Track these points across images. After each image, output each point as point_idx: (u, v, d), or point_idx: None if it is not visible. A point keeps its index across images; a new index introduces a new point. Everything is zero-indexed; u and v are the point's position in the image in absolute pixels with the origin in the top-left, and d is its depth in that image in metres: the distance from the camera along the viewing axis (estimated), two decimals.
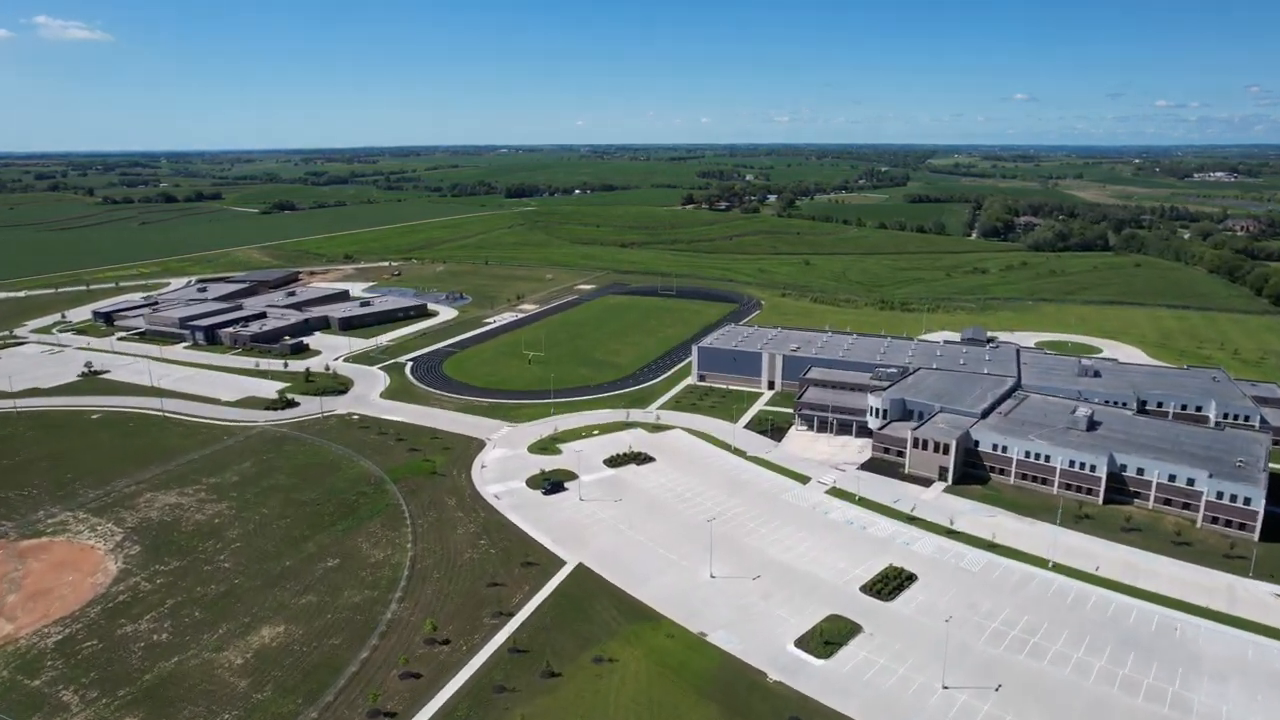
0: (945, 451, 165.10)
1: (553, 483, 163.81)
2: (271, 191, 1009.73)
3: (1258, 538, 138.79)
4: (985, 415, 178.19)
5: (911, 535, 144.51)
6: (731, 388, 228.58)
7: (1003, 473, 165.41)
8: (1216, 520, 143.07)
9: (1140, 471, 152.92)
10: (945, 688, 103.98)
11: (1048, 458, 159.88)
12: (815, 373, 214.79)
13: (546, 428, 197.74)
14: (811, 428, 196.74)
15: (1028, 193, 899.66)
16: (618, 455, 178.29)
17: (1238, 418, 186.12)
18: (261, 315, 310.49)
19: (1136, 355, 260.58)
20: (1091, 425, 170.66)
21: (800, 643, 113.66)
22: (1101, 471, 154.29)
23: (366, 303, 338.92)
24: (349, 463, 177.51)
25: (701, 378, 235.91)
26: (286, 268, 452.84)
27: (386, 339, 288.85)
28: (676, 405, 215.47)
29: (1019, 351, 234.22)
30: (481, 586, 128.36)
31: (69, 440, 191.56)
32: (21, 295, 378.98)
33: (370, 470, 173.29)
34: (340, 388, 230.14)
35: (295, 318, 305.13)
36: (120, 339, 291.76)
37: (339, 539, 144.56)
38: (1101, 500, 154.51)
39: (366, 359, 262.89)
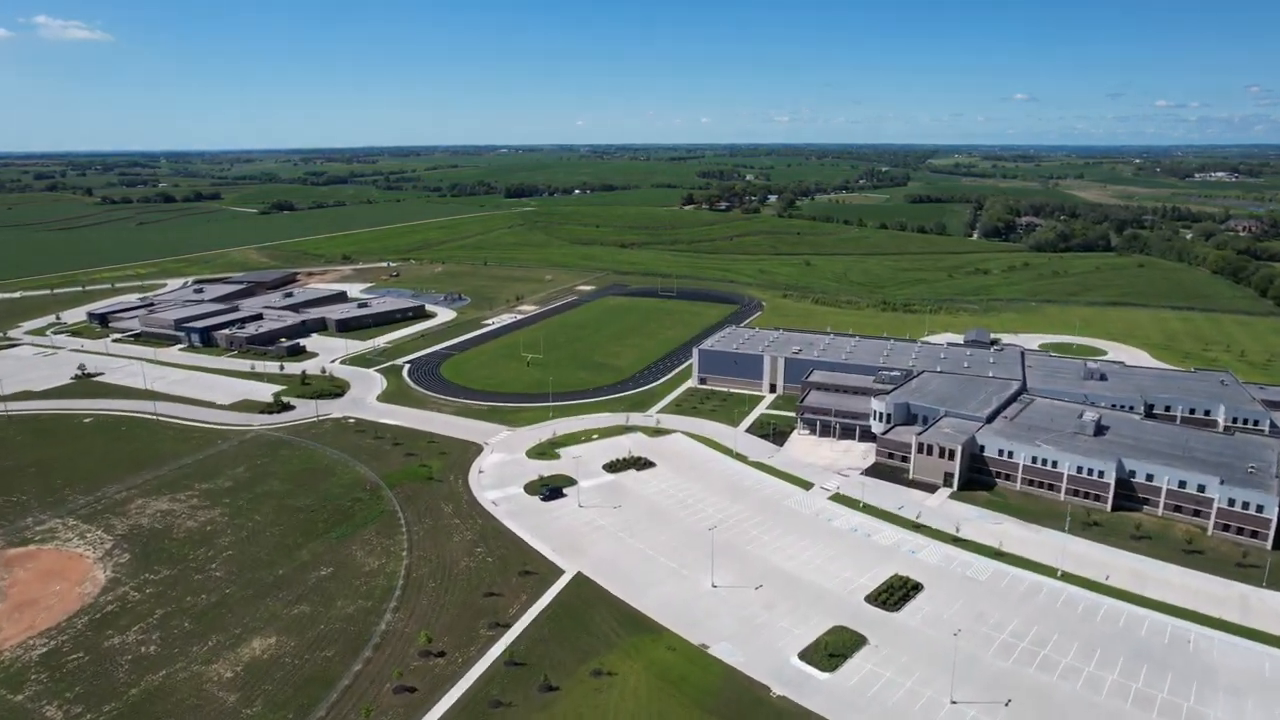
0: (950, 457, 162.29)
1: (551, 488, 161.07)
2: (270, 191, 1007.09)
3: (1270, 546, 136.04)
4: (991, 420, 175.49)
5: (917, 543, 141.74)
6: (733, 391, 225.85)
7: (1009, 478, 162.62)
8: (1228, 528, 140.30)
9: (1149, 478, 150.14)
10: (954, 702, 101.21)
11: (1054, 463, 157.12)
12: (817, 376, 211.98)
13: (545, 432, 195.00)
14: (814, 432, 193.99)
15: (1028, 193, 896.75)
16: (617, 460, 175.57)
17: (1247, 422, 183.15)
18: (258, 317, 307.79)
19: (1142, 357, 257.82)
20: (1099, 430, 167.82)
21: (804, 655, 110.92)
22: (1110, 478, 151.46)
23: (364, 304, 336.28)
24: (344, 468, 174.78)
25: (702, 380, 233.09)
26: (284, 268, 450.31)
27: (384, 341, 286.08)
28: (677, 409, 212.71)
29: (1023, 354, 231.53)
30: (478, 596, 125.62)
31: (60, 445, 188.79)
32: (16, 296, 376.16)
33: (366, 476, 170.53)
34: (336, 391, 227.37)
35: (292, 319, 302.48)
36: (115, 341, 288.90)
37: (333, 547, 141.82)
38: (1110, 507, 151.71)
39: (363, 361, 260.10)
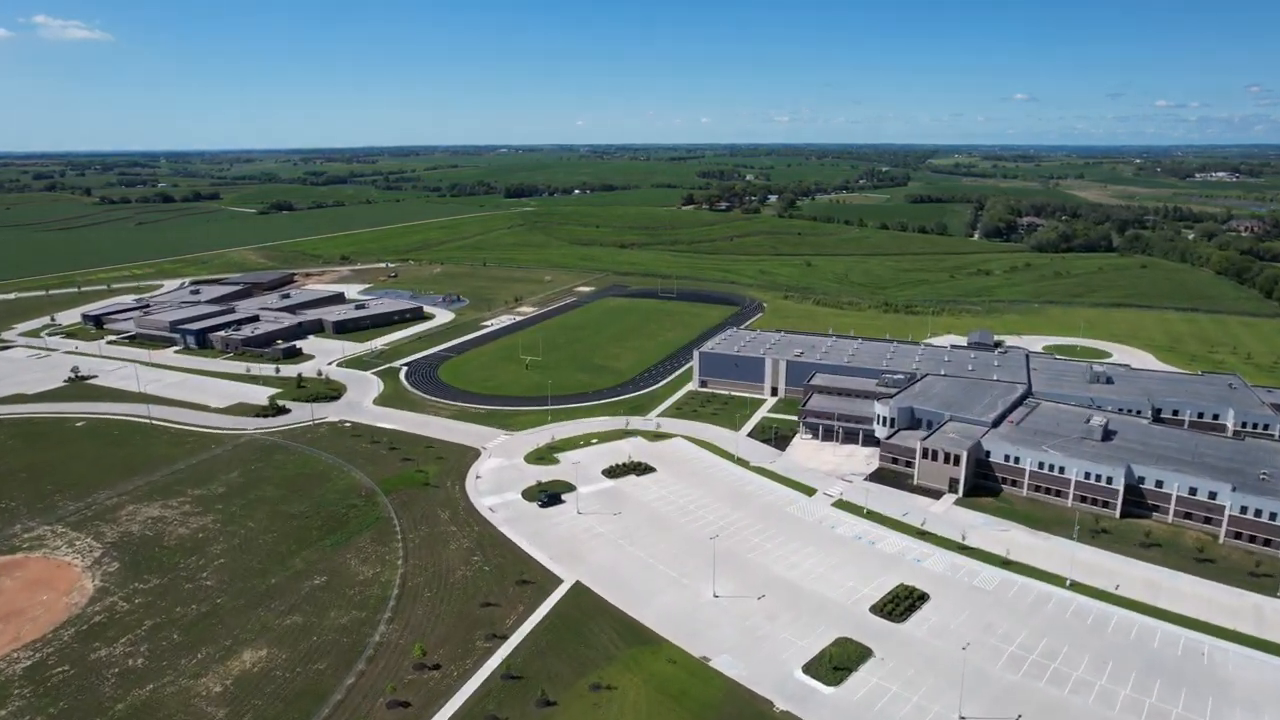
0: (956, 462, 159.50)
1: (550, 495, 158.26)
2: (269, 191, 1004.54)
3: None
4: (996, 424, 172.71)
5: (922, 551, 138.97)
6: (734, 394, 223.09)
7: (1015, 484, 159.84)
8: (1240, 536, 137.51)
9: (1159, 484, 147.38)
10: (963, 718, 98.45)
11: (1062, 469, 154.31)
12: (819, 379, 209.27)
13: (544, 436, 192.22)
14: (816, 436, 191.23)
15: (1029, 193, 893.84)
16: (617, 465, 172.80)
17: (1256, 426, 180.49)
18: (254, 318, 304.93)
19: (1147, 360, 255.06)
20: (1107, 435, 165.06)
21: (808, 668, 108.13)
22: (1119, 484, 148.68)
23: (361, 305, 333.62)
24: (339, 473, 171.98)
25: (703, 383, 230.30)
26: (282, 269, 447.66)
27: (381, 343, 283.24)
28: (677, 412, 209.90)
29: (1028, 356, 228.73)
30: (474, 607, 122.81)
31: (51, 450, 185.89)
32: (12, 297, 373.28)
33: (361, 481, 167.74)
34: (333, 394, 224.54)
35: (289, 321, 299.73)
36: (109, 343, 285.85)
37: (327, 555, 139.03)
38: (1118, 514, 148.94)
39: (360, 363, 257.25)
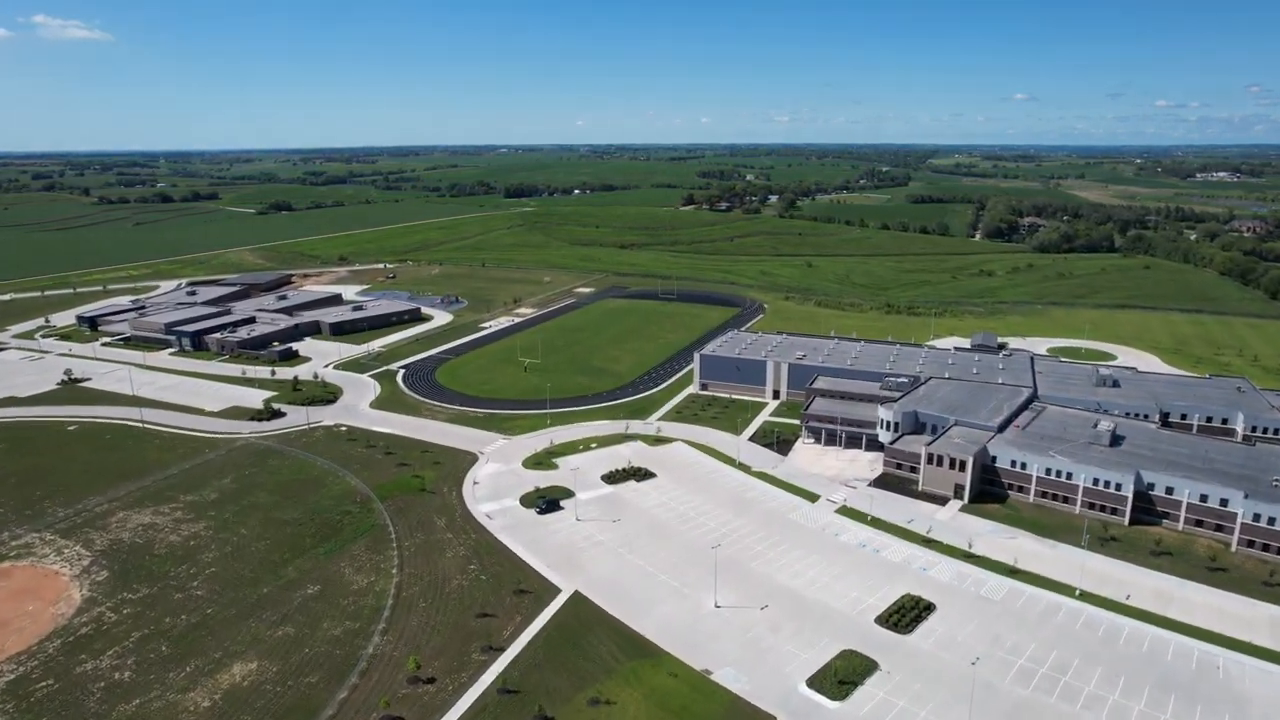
0: (961, 468, 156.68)
1: (548, 501, 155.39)
2: (269, 192, 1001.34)
3: None
4: (1002, 429, 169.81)
5: (928, 559, 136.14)
6: (735, 397, 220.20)
7: (1022, 490, 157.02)
8: (1253, 544, 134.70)
9: (1169, 491, 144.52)
10: None
11: (1070, 475, 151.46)
12: (822, 382, 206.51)
13: (542, 440, 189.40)
14: (819, 440, 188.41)
15: (1030, 193, 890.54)
16: (616, 471, 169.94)
17: (1266, 431, 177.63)
18: (251, 320, 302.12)
19: (1153, 362, 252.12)
20: (1115, 440, 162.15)
21: (812, 682, 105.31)
22: (1128, 490, 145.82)
23: (359, 307, 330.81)
24: (334, 478, 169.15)
25: (704, 386, 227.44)
26: (279, 270, 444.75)
27: (378, 345, 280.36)
28: (678, 416, 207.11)
29: (1033, 359, 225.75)
30: (470, 618, 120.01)
31: (42, 454, 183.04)
32: (7, 298, 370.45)
33: (356, 487, 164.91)
34: (329, 397, 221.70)
35: (285, 323, 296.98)
36: (104, 345, 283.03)
37: (320, 563, 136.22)
38: (1127, 521, 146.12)
39: (357, 366, 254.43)
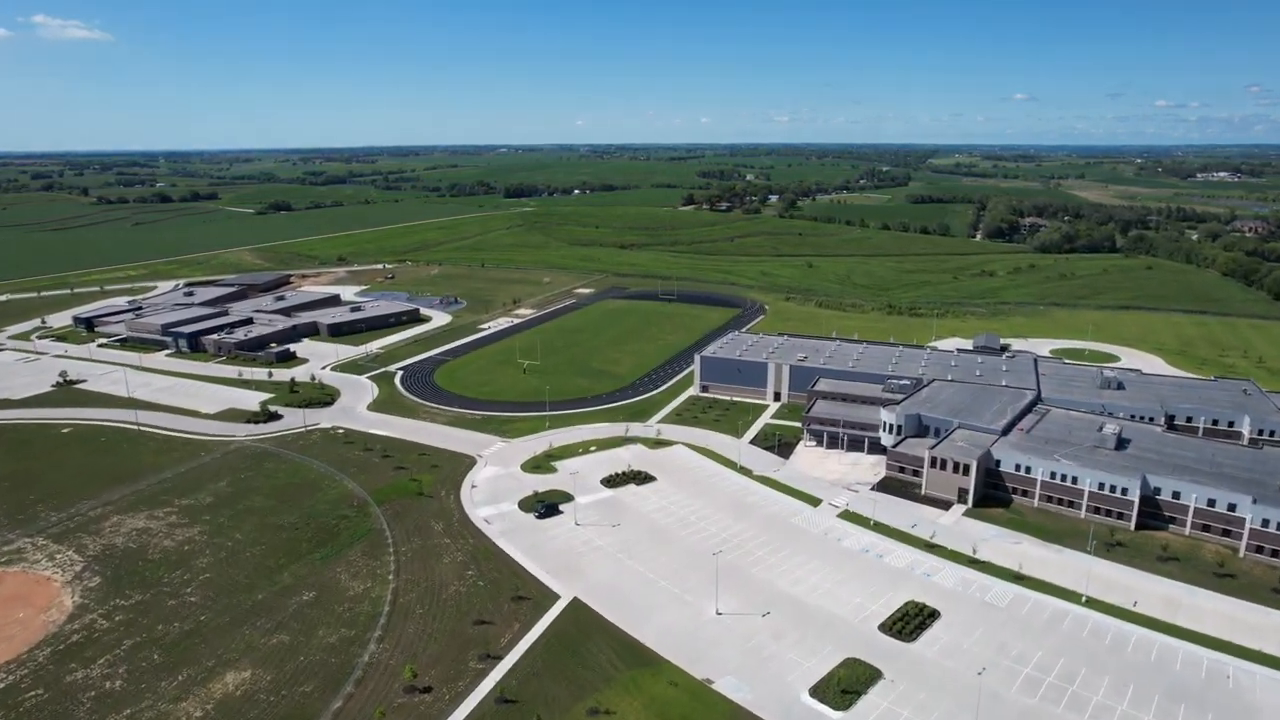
0: (965, 472, 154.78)
1: (547, 505, 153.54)
2: (268, 191, 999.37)
3: None
4: (1006, 432, 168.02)
5: (932, 565, 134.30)
6: (735, 399, 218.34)
7: (1026, 494, 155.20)
8: (1262, 550, 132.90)
9: (1176, 495, 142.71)
10: None
11: (1075, 479, 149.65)
12: (823, 384, 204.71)
13: (541, 443, 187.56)
14: (821, 443, 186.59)
15: (1030, 193, 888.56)
16: (616, 474, 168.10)
17: (1273, 433, 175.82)
18: (248, 321, 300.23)
19: (1157, 364, 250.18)
20: (1120, 443, 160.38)
21: (815, 692, 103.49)
22: (1134, 495, 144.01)
23: (357, 308, 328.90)
24: (331, 482, 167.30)
25: (704, 388, 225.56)
26: (278, 270, 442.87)
27: (376, 346, 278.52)
28: (678, 418, 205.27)
29: (1036, 361, 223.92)
30: (467, 625, 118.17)
31: (35, 458, 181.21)
32: (3, 299, 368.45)
33: (353, 491, 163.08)
34: (326, 399, 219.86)
35: (283, 324, 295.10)
36: (100, 346, 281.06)
37: (316, 569, 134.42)
38: (1134, 526, 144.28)
39: (355, 367, 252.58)
